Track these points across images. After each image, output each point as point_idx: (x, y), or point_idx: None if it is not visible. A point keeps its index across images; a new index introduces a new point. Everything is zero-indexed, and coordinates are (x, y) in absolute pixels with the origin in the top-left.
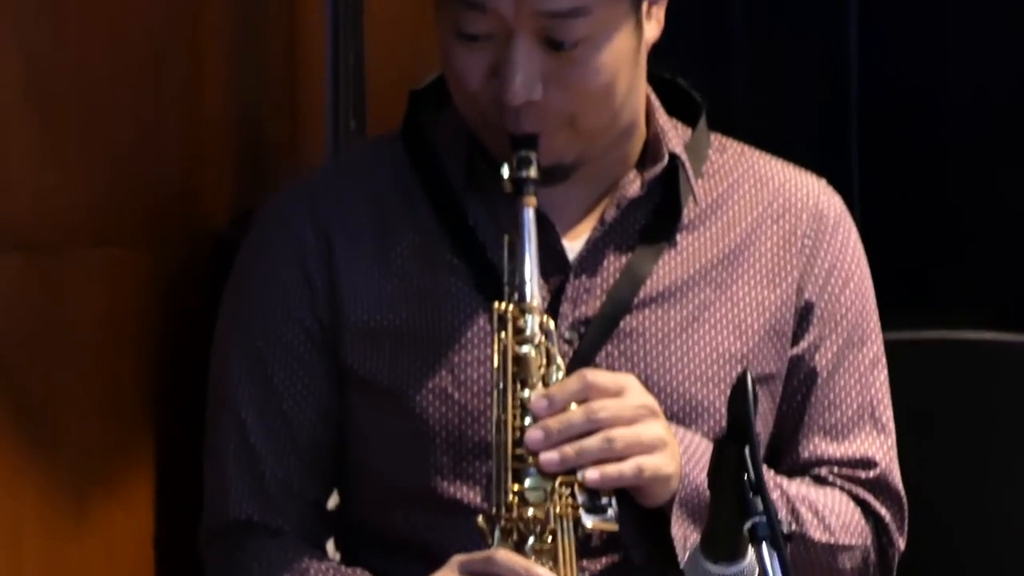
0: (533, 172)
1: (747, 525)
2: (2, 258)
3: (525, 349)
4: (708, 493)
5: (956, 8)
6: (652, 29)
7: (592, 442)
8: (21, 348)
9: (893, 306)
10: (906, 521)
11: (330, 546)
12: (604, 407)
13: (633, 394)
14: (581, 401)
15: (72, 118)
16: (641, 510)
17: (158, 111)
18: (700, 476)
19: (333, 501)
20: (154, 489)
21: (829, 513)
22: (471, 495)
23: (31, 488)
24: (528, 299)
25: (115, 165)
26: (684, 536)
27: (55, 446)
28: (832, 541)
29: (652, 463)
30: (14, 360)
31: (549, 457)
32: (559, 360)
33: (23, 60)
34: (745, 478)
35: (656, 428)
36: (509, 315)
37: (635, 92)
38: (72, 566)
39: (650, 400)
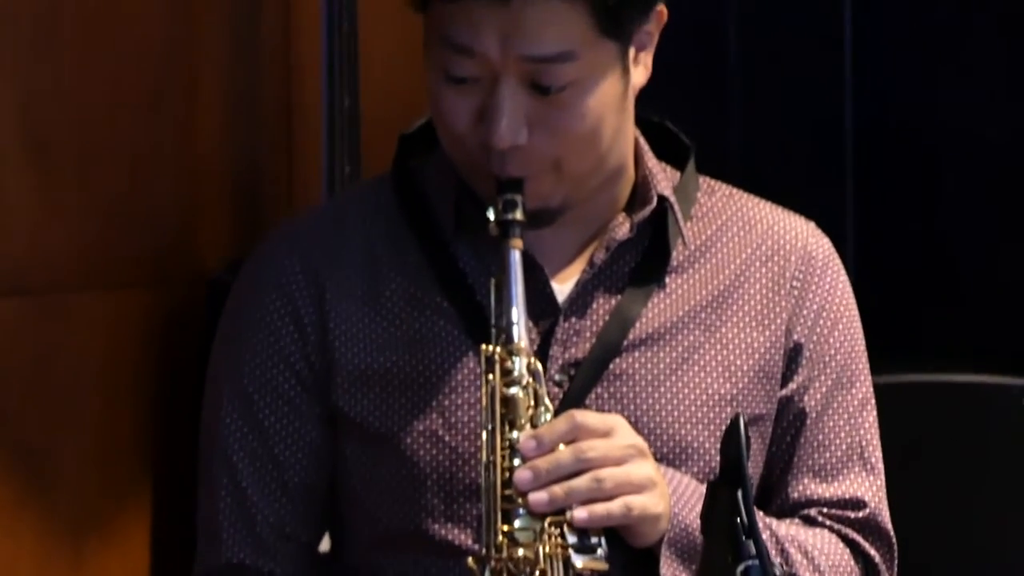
0: (519, 215)
1: (740, 569)
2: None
3: (513, 391)
4: (697, 534)
5: (950, 47)
6: (640, 74)
7: (581, 482)
8: (18, 392)
9: (886, 348)
10: (895, 562)
11: None
12: (593, 447)
13: (622, 435)
14: (570, 442)
15: (68, 161)
16: (631, 550)
17: (154, 154)
18: (689, 516)
19: (325, 544)
20: (150, 534)
21: (818, 554)
22: (463, 537)
23: (28, 533)
24: (515, 341)
25: (111, 208)
26: None
27: (52, 490)
28: None
29: (640, 502)
30: (11, 404)
31: (538, 497)
32: (547, 401)
33: (19, 102)
34: (738, 521)
35: (645, 468)
36: (497, 357)
37: (623, 136)
38: None
39: (639, 440)
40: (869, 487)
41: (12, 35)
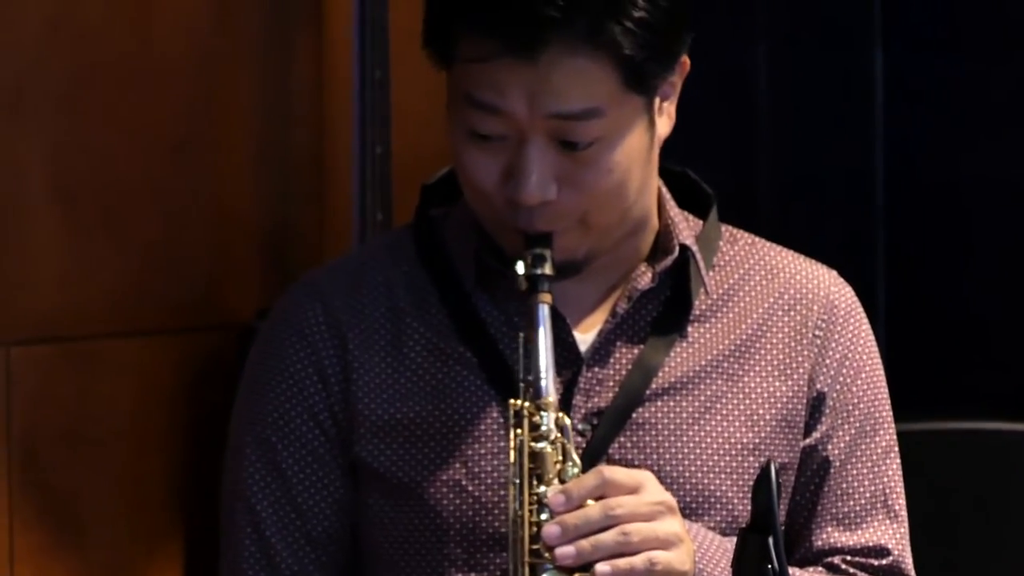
0: (548, 269)
1: None
2: (31, 349)
3: (541, 445)
4: None
5: (981, 97)
6: (664, 125)
7: (608, 536)
8: (49, 439)
9: (913, 397)
10: None
11: None
12: (621, 504)
13: (650, 491)
14: (598, 497)
15: (96, 210)
16: None
17: (183, 204)
18: (714, 573)
19: None
20: None
21: None
22: None
23: None
24: (544, 395)
25: (140, 256)
26: None
27: (83, 537)
28: None
29: (666, 558)
30: (42, 451)
31: (565, 551)
32: (575, 456)
33: (48, 153)
34: (769, 568)
35: (673, 525)
36: (525, 411)
37: (647, 188)
38: None
39: (668, 497)
40: (893, 535)
41: (43, 87)
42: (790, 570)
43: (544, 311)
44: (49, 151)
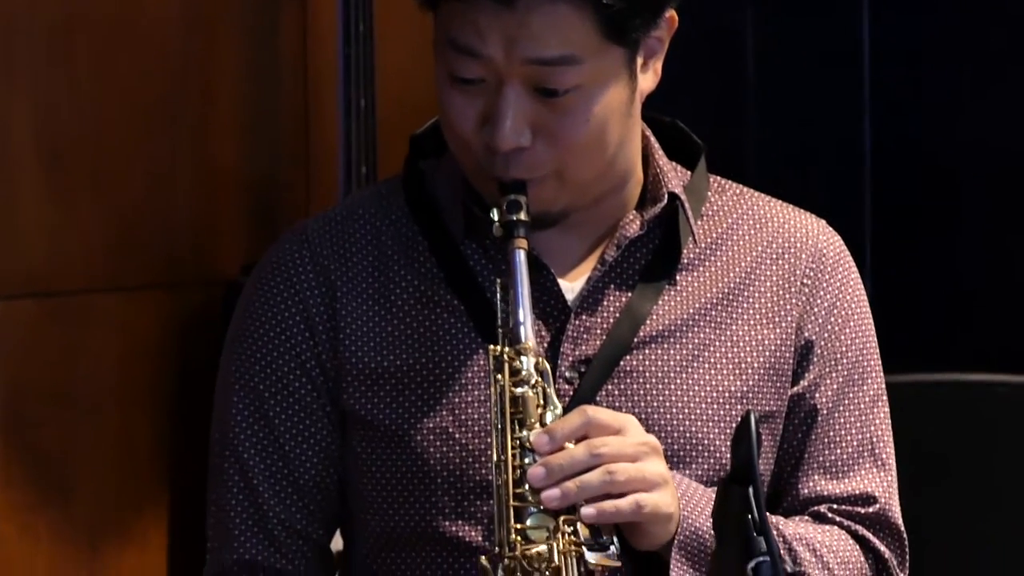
0: (523, 215)
1: (751, 565)
2: (15, 304)
3: (521, 390)
4: (707, 537)
5: (968, 61)
6: (648, 80)
7: (593, 476)
8: (35, 395)
9: (900, 350)
10: (907, 559)
11: None
12: (606, 443)
13: (634, 432)
14: (581, 438)
15: (83, 168)
16: (640, 555)
17: (170, 160)
18: (699, 520)
19: (338, 543)
20: (167, 537)
21: (827, 551)
22: (473, 534)
23: (45, 535)
24: (523, 340)
25: (127, 212)
26: None
27: (69, 493)
28: None
29: (652, 500)
30: (28, 407)
31: (551, 493)
32: (555, 400)
33: (35, 112)
34: (749, 519)
35: (658, 465)
36: (505, 357)
37: (629, 142)
38: None
39: (652, 439)
40: (880, 483)
41: (28, 46)
42: (776, 519)
43: (520, 256)
44: (35, 107)
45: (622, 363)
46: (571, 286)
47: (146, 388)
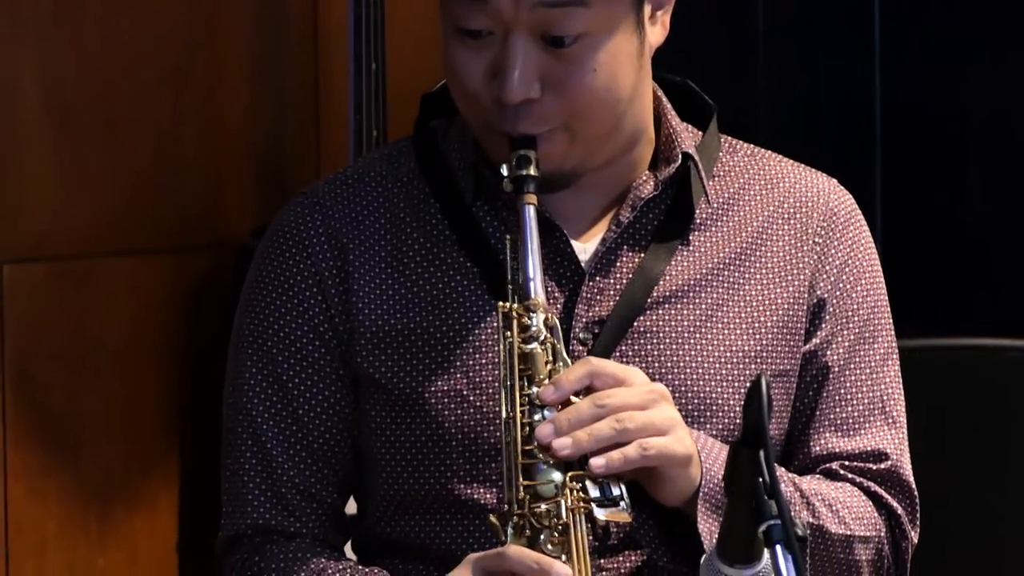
0: (532, 170)
1: (762, 528)
2: (24, 268)
3: (531, 347)
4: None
5: (979, 28)
6: (656, 33)
7: (603, 426)
8: (45, 357)
9: (912, 314)
10: (918, 515)
11: (348, 550)
12: (611, 395)
13: (639, 381)
14: (588, 390)
15: (92, 132)
16: (662, 510)
17: (179, 124)
18: (720, 472)
19: (352, 507)
20: (177, 498)
21: (841, 507)
22: (487, 496)
23: (54, 496)
24: (532, 297)
25: (136, 176)
26: (710, 532)
27: (78, 454)
28: (848, 533)
29: (658, 443)
30: (38, 369)
31: (562, 441)
32: (565, 356)
33: (42, 76)
34: (760, 482)
35: (667, 410)
36: (514, 313)
37: (639, 98)
38: (95, 574)
39: (658, 386)
40: (891, 440)
41: (35, 9)
42: (789, 476)
43: (530, 212)
44: (43, 71)
45: (636, 324)
46: (584, 247)
47: (156, 352)
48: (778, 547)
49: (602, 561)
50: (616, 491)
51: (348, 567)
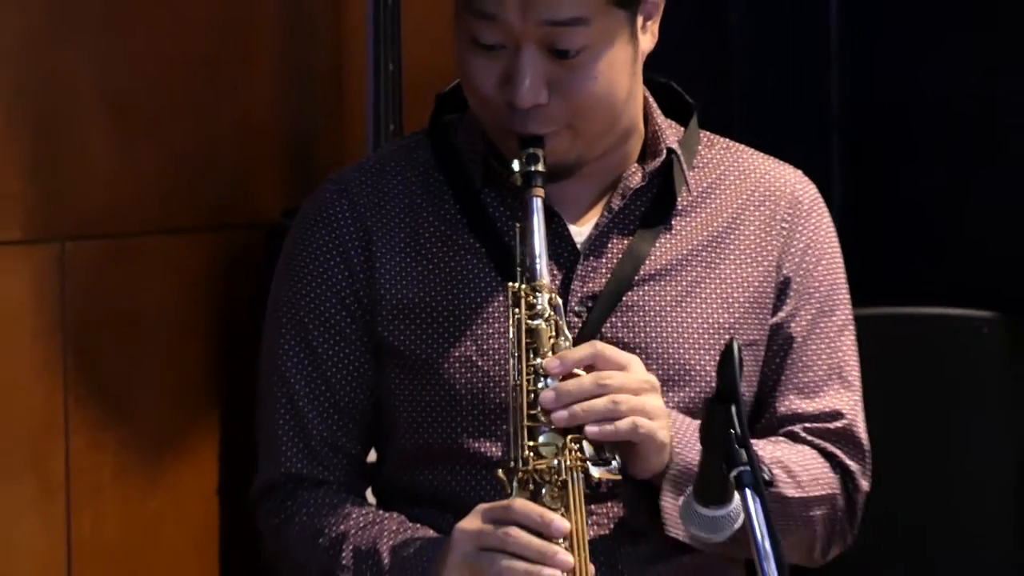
0: (540, 167)
1: (733, 474)
2: (83, 244)
3: (537, 322)
4: (694, 469)
5: (928, 27)
6: (647, 41)
7: (599, 402)
8: (99, 328)
9: (866, 285)
10: (869, 467)
11: (369, 494)
12: (612, 376)
13: (638, 370)
14: (589, 368)
15: (142, 121)
16: (639, 485)
17: (216, 114)
18: (688, 455)
19: (372, 456)
20: (218, 448)
21: (800, 470)
22: (493, 450)
23: (110, 449)
24: (538, 278)
25: (179, 163)
26: (672, 507)
27: (130, 416)
28: (804, 495)
29: (649, 425)
30: (93, 339)
31: (560, 414)
32: (566, 331)
33: (97, 70)
34: (732, 433)
35: (657, 400)
36: (522, 293)
37: (633, 99)
38: (146, 519)
39: (653, 378)
40: (847, 401)
41: (88, 16)
42: (756, 442)
43: (537, 203)
44: (98, 71)
45: (624, 298)
46: (580, 231)
47: (198, 319)
48: (747, 490)
49: (592, 507)
50: (608, 454)
51: (370, 511)
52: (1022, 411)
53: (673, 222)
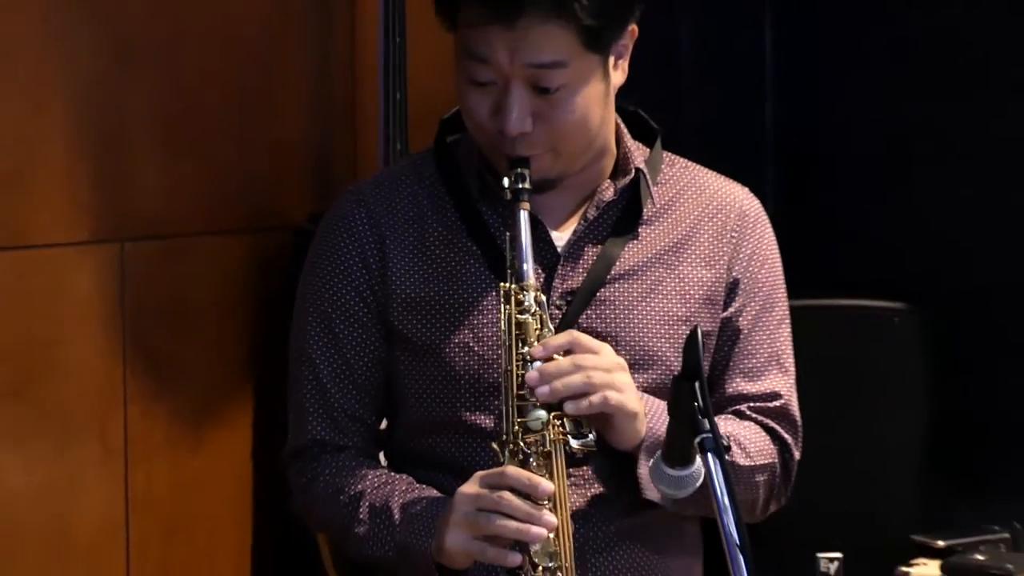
0: (526, 184)
1: (697, 440)
2: (139, 245)
3: (524, 317)
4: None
5: (848, 59)
6: (618, 76)
7: (575, 378)
8: (153, 316)
9: (796, 281)
10: (800, 438)
11: (381, 457)
12: (586, 358)
13: (608, 354)
14: (567, 353)
15: (188, 138)
16: (615, 456)
17: (252, 133)
18: (660, 428)
19: (383, 425)
20: (252, 420)
21: (749, 443)
22: (487, 422)
23: (162, 420)
24: (525, 279)
25: (220, 174)
26: (647, 474)
27: (179, 390)
28: (751, 463)
29: (618, 397)
30: (148, 325)
31: (542, 389)
32: (550, 325)
33: (150, 98)
34: (696, 405)
35: (626, 377)
36: (512, 292)
37: (606, 125)
38: (191, 476)
39: (621, 360)
40: (784, 384)
41: (145, 45)
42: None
43: (524, 215)
44: (154, 98)
45: (598, 294)
46: (560, 236)
47: (236, 309)
48: (709, 454)
49: (571, 470)
50: (586, 429)
51: (383, 473)
52: (928, 389)
53: (640, 230)
